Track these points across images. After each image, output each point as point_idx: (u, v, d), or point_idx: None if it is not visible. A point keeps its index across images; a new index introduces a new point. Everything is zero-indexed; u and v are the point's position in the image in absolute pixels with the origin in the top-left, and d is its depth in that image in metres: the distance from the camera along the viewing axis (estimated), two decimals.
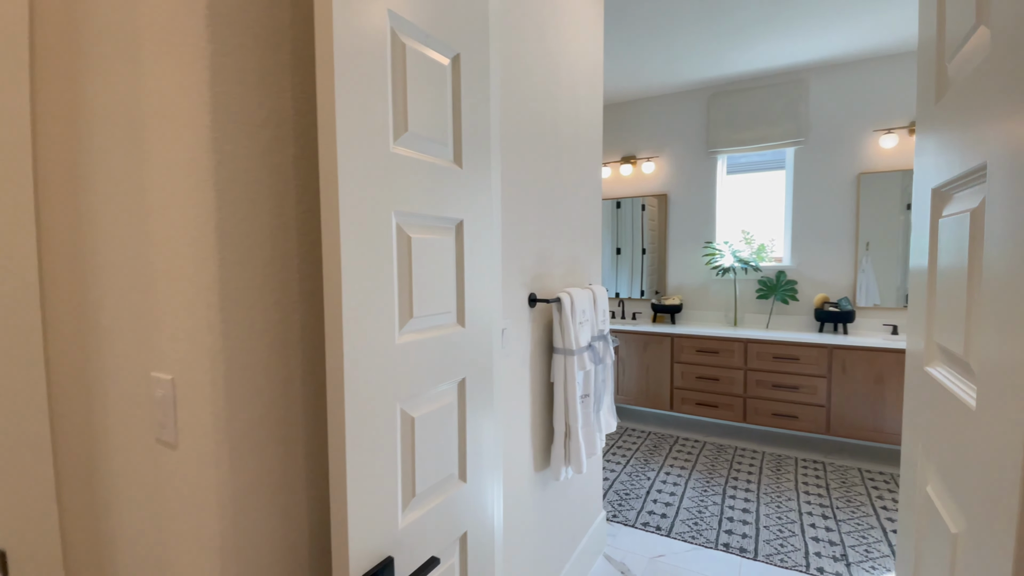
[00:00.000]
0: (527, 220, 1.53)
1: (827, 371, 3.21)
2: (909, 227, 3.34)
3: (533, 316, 1.60)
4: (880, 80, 3.39)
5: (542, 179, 1.62)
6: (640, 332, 3.79)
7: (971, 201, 0.48)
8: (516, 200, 1.46)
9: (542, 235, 1.64)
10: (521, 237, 1.50)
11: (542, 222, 1.64)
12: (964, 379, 0.48)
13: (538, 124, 1.59)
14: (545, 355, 1.69)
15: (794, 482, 2.90)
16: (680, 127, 4.07)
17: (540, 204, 1.62)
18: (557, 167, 1.73)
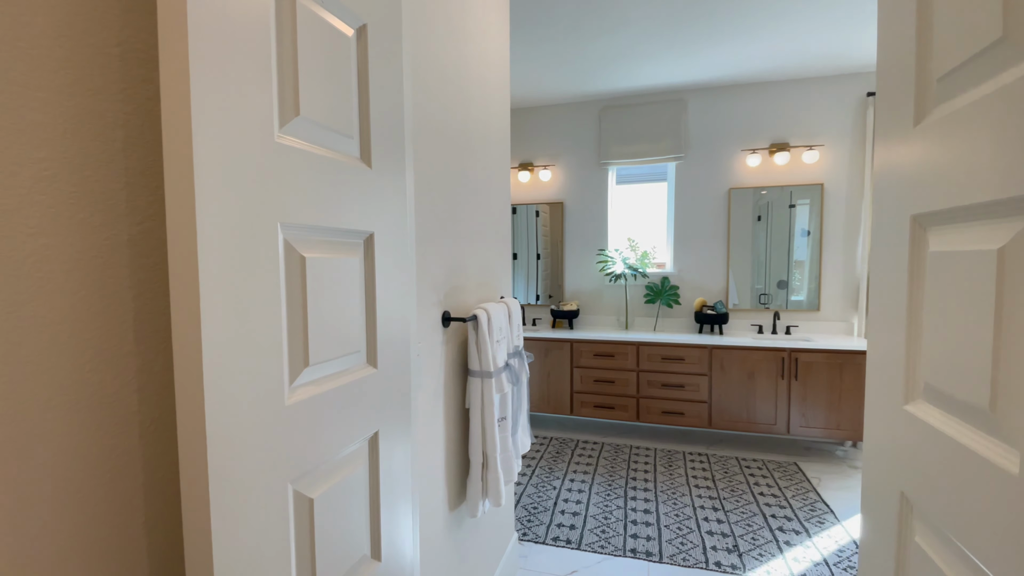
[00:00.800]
0: (439, 228, 1.36)
1: (708, 369, 3.48)
2: (762, 237, 3.77)
3: (447, 337, 1.42)
4: (747, 105, 3.77)
5: (453, 181, 1.46)
6: (541, 339, 3.78)
7: (993, 237, 0.44)
8: (427, 206, 1.28)
9: (455, 245, 1.48)
10: (434, 248, 1.32)
11: (454, 230, 1.47)
12: (990, 436, 0.44)
13: (447, 120, 1.42)
14: (459, 379, 1.52)
15: (685, 477, 3.08)
16: (575, 137, 4.15)
17: (452, 210, 1.45)
18: (468, 169, 1.58)
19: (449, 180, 1.43)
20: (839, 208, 3.64)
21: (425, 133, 1.26)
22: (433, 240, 1.32)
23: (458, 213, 1.50)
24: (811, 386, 3.30)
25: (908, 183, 0.56)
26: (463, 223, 1.55)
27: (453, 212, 1.46)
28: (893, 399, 0.58)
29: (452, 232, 1.46)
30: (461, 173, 1.52)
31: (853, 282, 3.64)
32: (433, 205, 1.32)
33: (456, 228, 1.49)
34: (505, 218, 2.04)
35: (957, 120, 0.47)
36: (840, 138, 3.61)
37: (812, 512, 2.64)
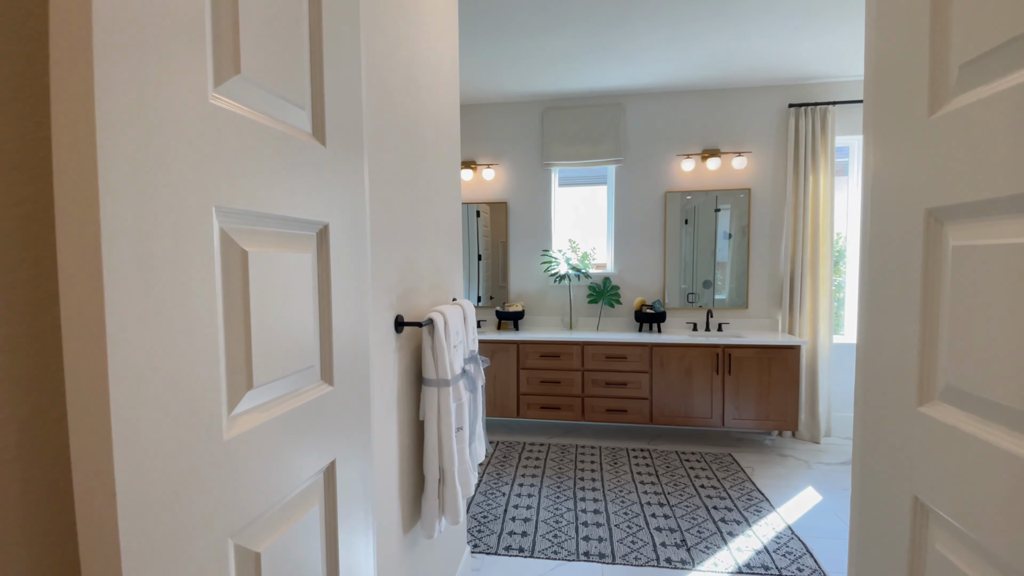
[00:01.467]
0: (392, 225, 1.23)
1: (649, 367, 3.56)
2: (690, 239, 3.94)
3: (400, 343, 1.30)
4: (681, 111, 3.92)
5: (406, 176, 1.34)
6: (488, 341, 3.69)
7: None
8: (381, 201, 1.15)
9: (408, 244, 1.35)
10: (387, 247, 1.20)
11: (408, 228, 1.35)
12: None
13: (399, 110, 1.30)
14: (413, 388, 1.40)
15: (630, 474, 3.12)
16: (518, 137, 4.11)
17: (405, 206, 1.33)
18: (421, 163, 1.46)
19: (402, 174, 1.31)
20: (765, 211, 3.88)
21: (376, 122, 1.14)
22: (386, 238, 1.20)
23: (411, 210, 1.38)
24: (743, 380, 3.48)
25: (921, 176, 0.54)
26: (416, 221, 1.43)
27: (406, 208, 1.34)
28: (903, 401, 0.56)
29: (405, 230, 1.33)
30: (414, 167, 1.40)
31: (777, 281, 3.88)
32: (387, 200, 1.19)
33: (409, 226, 1.37)
34: (456, 216, 1.94)
35: (987, 108, 0.45)
36: (765, 146, 3.85)
37: (750, 501, 2.76)
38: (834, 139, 3.66)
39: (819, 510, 2.66)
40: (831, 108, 3.62)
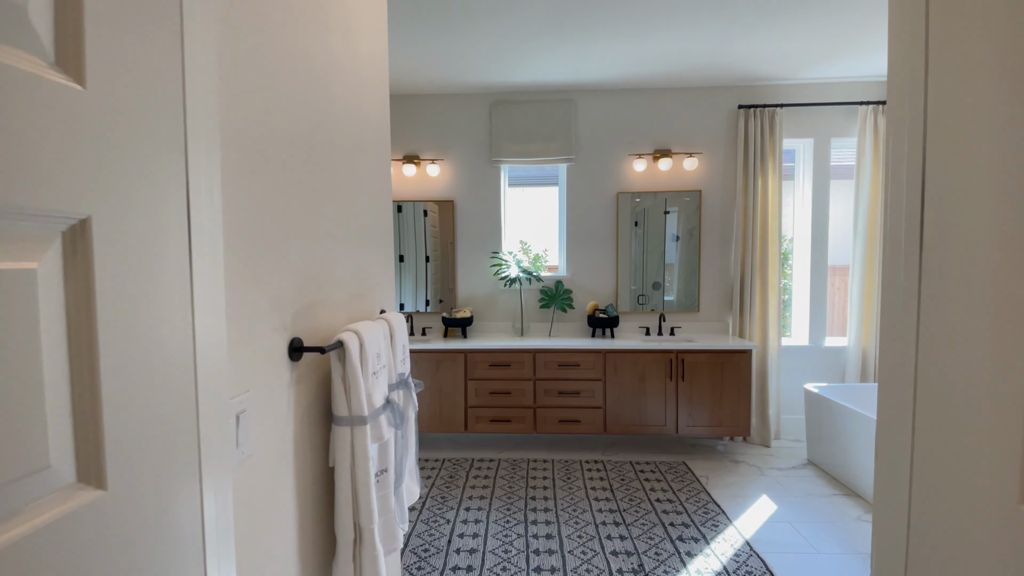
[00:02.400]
0: (285, 226, 0.96)
1: (603, 374, 3.41)
2: (640, 241, 3.84)
3: (298, 374, 1.02)
4: (633, 110, 3.80)
5: (309, 166, 1.07)
6: (432, 350, 3.42)
7: None
8: (266, 195, 0.88)
9: (312, 247, 1.08)
10: (277, 253, 0.92)
11: (311, 228, 1.08)
12: None
13: (294, 92, 1.02)
14: (320, 428, 1.13)
15: (584, 490, 2.95)
16: (465, 131, 3.86)
17: (308, 202, 1.06)
18: (330, 153, 1.19)
19: (300, 165, 1.03)
20: (715, 213, 3.83)
21: (254, 100, 0.86)
22: (276, 242, 0.93)
23: (315, 207, 1.11)
24: (696, 386, 3.40)
25: None
26: (325, 220, 1.16)
27: (310, 205, 1.07)
28: (994, 495, 0.38)
29: (307, 231, 1.06)
30: (319, 159, 1.13)
31: (728, 284, 3.85)
32: (277, 194, 0.92)
33: (315, 226, 1.10)
34: (386, 215, 1.67)
35: None
36: (716, 147, 3.80)
37: (706, 515, 2.65)
38: (782, 142, 3.66)
39: (775, 521, 2.58)
40: (779, 111, 3.62)
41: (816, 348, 3.84)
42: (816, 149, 3.77)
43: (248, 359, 0.84)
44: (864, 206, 3.64)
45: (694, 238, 3.82)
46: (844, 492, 2.90)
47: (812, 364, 3.85)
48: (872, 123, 3.58)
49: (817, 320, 3.84)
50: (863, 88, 3.68)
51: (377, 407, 1.16)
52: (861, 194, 3.66)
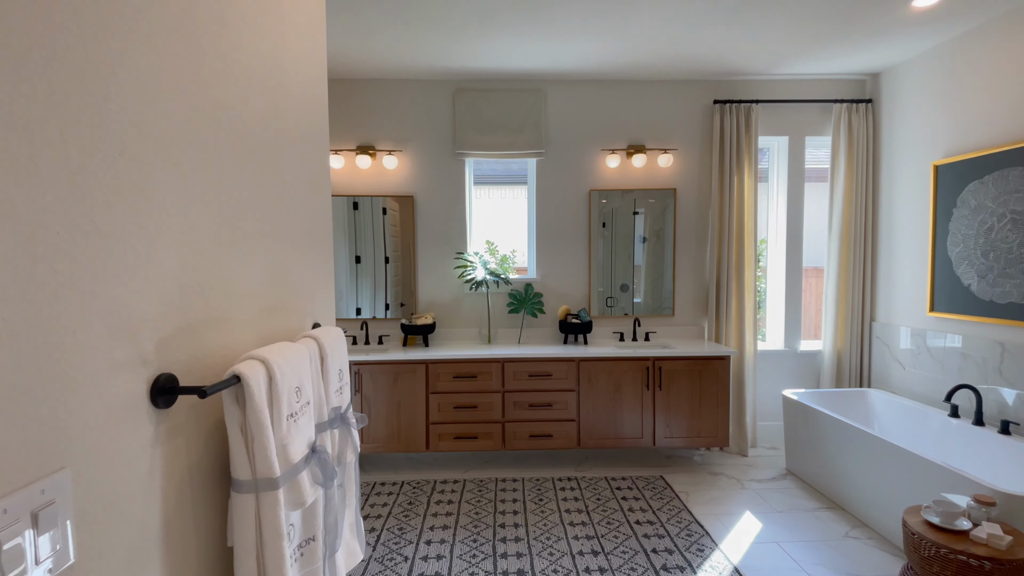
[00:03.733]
0: (148, 202, 0.65)
1: (576, 384, 3.18)
2: (608, 242, 3.64)
3: (171, 426, 0.71)
4: (605, 102, 3.59)
5: (199, 144, 0.76)
6: (389, 361, 3.09)
7: None
8: (89, 143, 0.57)
9: (197, 240, 0.77)
10: (122, 244, 0.61)
11: (198, 211, 0.77)
12: None
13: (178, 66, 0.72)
14: (213, 496, 0.81)
15: (558, 512, 2.70)
16: (426, 120, 3.55)
17: (192, 173, 0.75)
18: (238, 129, 0.88)
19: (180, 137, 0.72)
20: (690, 213, 3.67)
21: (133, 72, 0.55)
22: (122, 230, 0.62)
23: (209, 193, 0.80)
24: (674, 395, 3.21)
25: None
26: (226, 210, 0.85)
27: (195, 184, 0.76)
28: None
29: (188, 218, 0.75)
30: (219, 138, 0.82)
31: (703, 287, 3.70)
32: (118, 155, 0.61)
33: (203, 217, 0.79)
34: (322, 210, 1.36)
35: None
36: (691, 143, 3.64)
37: (689, 537, 2.44)
38: (757, 139, 3.54)
39: (762, 542, 2.41)
40: (755, 107, 3.49)
41: (791, 352, 3.74)
42: (791, 147, 3.67)
43: (59, 418, 0.53)
44: (839, 206, 3.55)
45: (661, 240, 3.65)
46: (827, 505, 2.77)
47: (787, 369, 3.74)
48: (846, 122, 3.51)
49: (792, 324, 3.74)
50: (838, 86, 3.60)
51: (296, 461, 0.85)
52: (836, 194, 3.57)
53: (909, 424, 2.99)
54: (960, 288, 2.82)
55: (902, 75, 3.28)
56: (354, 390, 3.06)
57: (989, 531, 1.63)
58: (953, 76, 2.90)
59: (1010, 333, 2.55)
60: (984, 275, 2.67)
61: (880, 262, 3.49)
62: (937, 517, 1.78)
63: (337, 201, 3.53)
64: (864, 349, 3.56)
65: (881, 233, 3.48)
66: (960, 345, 2.83)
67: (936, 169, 2.98)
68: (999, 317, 2.58)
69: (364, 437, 3.10)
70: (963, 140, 2.83)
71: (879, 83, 3.49)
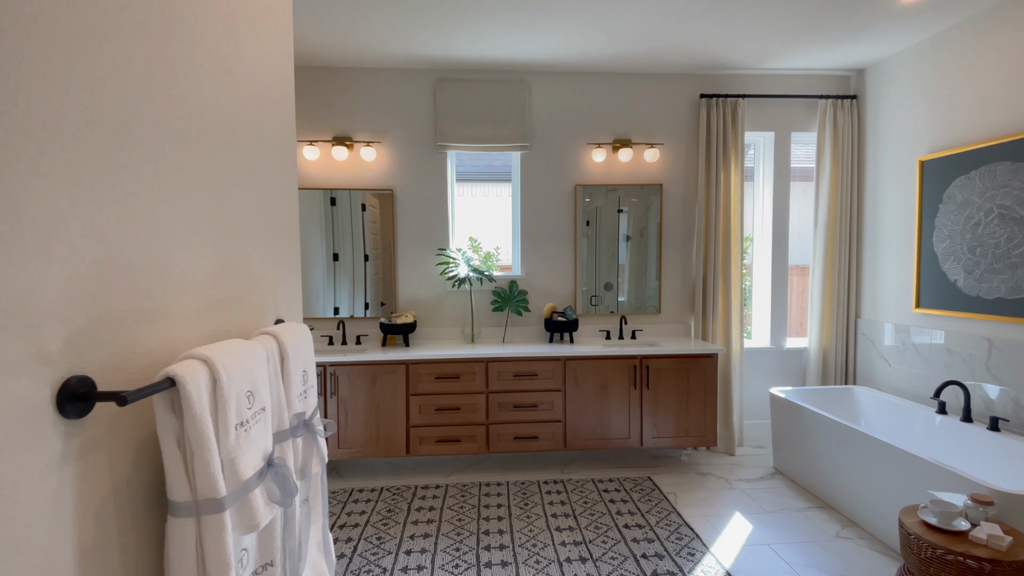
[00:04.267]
0: (69, 177, 0.53)
1: (562, 384, 3.09)
2: (600, 237, 3.57)
3: (87, 440, 0.59)
4: (591, 95, 3.51)
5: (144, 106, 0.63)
6: (368, 362, 2.95)
7: None
8: None
9: (131, 219, 0.65)
10: (24, 221, 0.49)
11: (137, 189, 0.65)
12: None
13: None
14: (146, 521, 0.69)
15: (544, 517, 2.60)
16: (406, 111, 3.42)
17: (138, 149, 0.62)
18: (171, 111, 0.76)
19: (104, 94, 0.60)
20: (676, 209, 3.61)
21: None
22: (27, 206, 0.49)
23: (144, 167, 0.68)
24: (661, 393, 3.14)
25: None
26: (166, 186, 0.72)
27: (124, 159, 0.64)
28: None
29: (115, 197, 0.63)
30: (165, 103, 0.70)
31: (689, 284, 3.64)
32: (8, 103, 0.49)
33: (134, 192, 0.66)
34: (286, 195, 1.23)
35: None
36: (677, 138, 3.58)
37: (680, 541, 2.37)
38: (743, 134, 3.50)
39: (753, 545, 2.35)
40: (741, 101, 3.45)
41: (777, 350, 3.71)
42: (777, 143, 3.64)
43: None
44: (824, 203, 3.53)
45: (644, 238, 3.58)
46: (817, 504, 2.73)
47: (773, 367, 3.72)
48: (832, 118, 3.49)
49: (778, 321, 3.71)
50: (824, 82, 3.59)
51: (248, 478, 0.73)
52: (821, 191, 3.55)
53: (896, 421, 2.97)
54: (946, 284, 2.81)
55: (887, 71, 3.28)
56: (330, 392, 2.92)
57: (989, 532, 1.59)
58: (938, 71, 2.89)
59: (997, 329, 2.54)
60: (971, 271, 2.66)
61: (865, 258, 3.48)
62: (935, 518, 1.73)
63: (313, 196, 3.37)
64: (849, 346, 3.55)
65: (866, 229, 3.47)
66: (946, 341, 2.82)
67: (922, 165, 2.97)
68: (986, 313, 2.57)
69: (340, 442, 2.96)
70: (949, 135, 2.83)
71: (864, 79, 3.48)
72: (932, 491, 2.08)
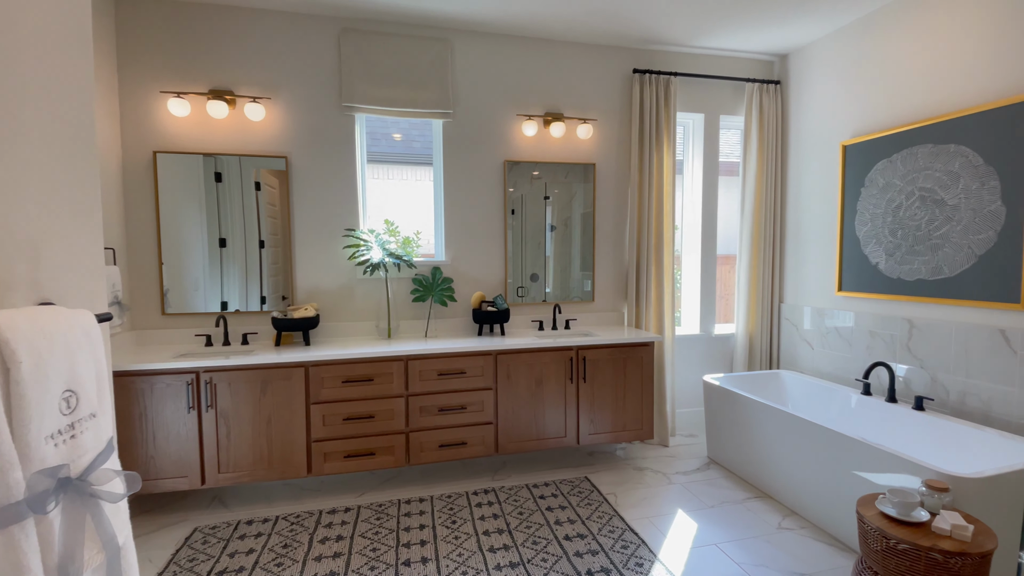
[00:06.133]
0: None
1: (493, 382, 2.76)
2: (514, 231, 3.29)
3: None
4: (520, 62, 3.19)
5: None
6: (256, 366, 2.41)
7: None
8: None
9: None
10: None
11: None
12: None
13: None
14: None
15: (475, 535, 2.26)
16: (303, 64, 2.87)
17: None
18: None
19: None
20: (609, 191, 3.41)
21: None
22: None
23: None
24: (598, 386, 2.92)
25: None
26: None
27: None
28: None
29: None
30: None
31: (622, 270, 3.47)
32: None
33: None
34: (66, 132, 0.76)
35: None
36: (610, 115, 3.38)
37: (626, 550, 2.14)
38: (676, 114, 3.37)
39: (700, 547, 2.18)
40: (673, 79, 3.31)
41: (706, 337, 3.66)
42: (707, 126, 3.56)
43: None
44: (751, 188, 3.51)
45: (569, 228, 3.35)
46: (756, 494, 2.65)
47: (702, 354, 3.67)
48: (758, 102, 3.47)
49: (707, 308, 3.66)
50: (750, 65, 3.56)
51: None
52: (748, 176, 3.53)
53: (822, 404, 2.99)
54: (868, 267, 2.85)
55: (809, 56, 3.29)
56: (205, 405, 2.35)
57: (952, 522, 1.49)
58: (859, 56, 2.92)
59: (918, 310, 2.59)
60: (892, 253, 2.70)
61: (789, 243, 3.51)
62: (894, 509, 1.62)
63: (188, 165, 2.73)
64: (774, 331, 3.58)
65: (790, 214, 3.50)
66: (868, 323, 2.87)
67: (844, 149, 2.99)
68: (907, 294, 2.61)
69: (221, 465, 2.39)
70: (870, 119, 2.86)
71: (787, 64, 3.49)
72: (857, 471, 2.03)
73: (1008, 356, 2.18)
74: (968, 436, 2.19)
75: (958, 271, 2.37)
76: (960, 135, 2.35)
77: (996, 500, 1.71)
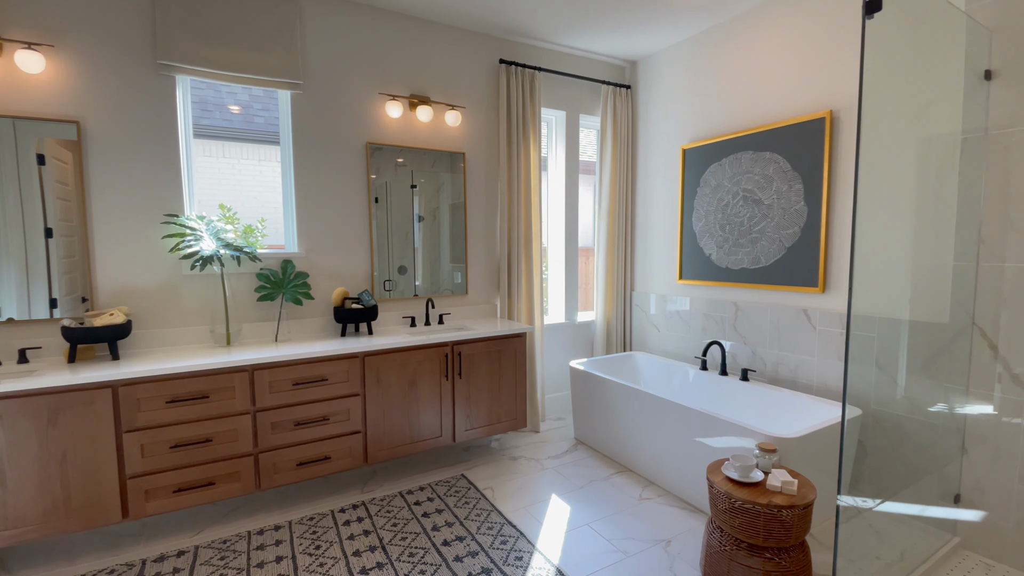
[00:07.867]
0: None
1: (361, 387, 2.53)
2: (380, 222, 3.11)
3: None
4: (384, 36, 2.94)
5: None
6: (36, 392, 1.84)
7: None
8: None
9: None
10: None
11: None
12: None
13: None
14: None
15: (343, 558, 2.05)
16: (101, 6, 2.26)
17: None
18: None
19: None
20: (479, 181, 3.36)
21: None
22: None
23: None
24: (474, 381, 2.87)
25: None
26: None
27: None
28: None
29: None
30: None
31: (495, 262, 3.46)
32: None
33: None
34: None
35: None
36: (478, 104, 3.31)
37: (505, 545, 2.13)
38: (540, 109, 3.44)
39: (575, 528, 2.26)
40: (538, 74, 3.37)
41: (571, 324, 3.85)
42: (568, 123, 3.71)
43: None
44: (606, 185, 3.76)
45: (437, 219, 3.25)
46: (619, 469, 2.85)
47: (567, 340, 3.85)
48: (612, 104, 3.71)
49: (571, 297, 3.85)
50: (606, 68, 3.78)
51: None
52: (603, 173, 3.76)
53: (668, 379, 3.34)
54: (703, 258, 3.24)
55: (655, 64, 3.61)
56: None
57: (782, 479, 1.73)
58: (696, 68, 3.28)
59: (742, 294, 3.02)
60: (721, 245, 3.10)
61: (638, 236, 3.84)
62: (736, 472, 1.84)
63: None
64: (627, 317, 3.90)
65: (639, 209, 3.82)
66: (703, 307, 3.27)
67: (684, 152, 3.35)
68: (733, 281, 3.02)
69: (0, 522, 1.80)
70: (705, 126, 3.23)
71: (636, 70, 3.79)
72: (698, 438, 2.30)
73: (809, 331, 2.66)
74: (784, 400, 2.61)
75: (772, 260, 2.80)
76: (774, 144, 2.77)
77: (813, 454, 2.06)
